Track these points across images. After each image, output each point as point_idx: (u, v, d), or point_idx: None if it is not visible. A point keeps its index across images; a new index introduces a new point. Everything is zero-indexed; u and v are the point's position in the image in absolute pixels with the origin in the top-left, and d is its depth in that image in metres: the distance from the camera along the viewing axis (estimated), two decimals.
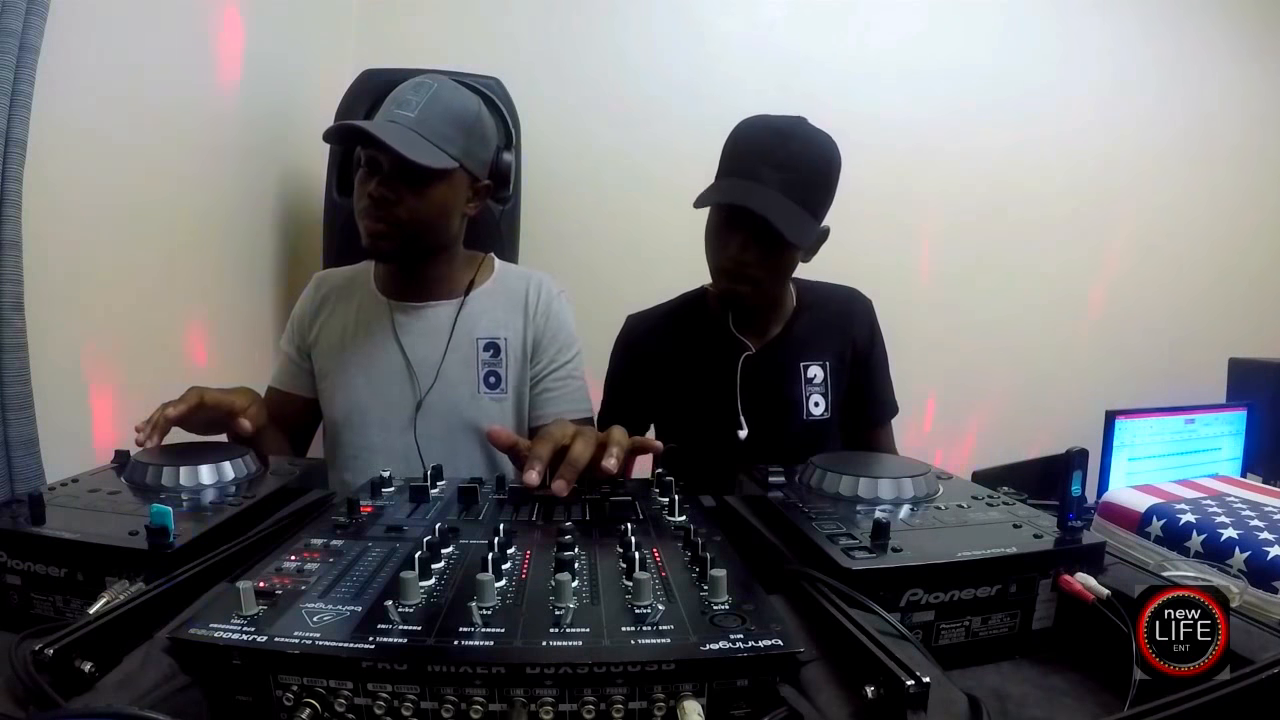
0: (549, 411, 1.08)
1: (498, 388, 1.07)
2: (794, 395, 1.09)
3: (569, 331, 1.12)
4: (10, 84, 0.83)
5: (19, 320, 0.87)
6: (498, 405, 1.07)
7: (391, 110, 0.95)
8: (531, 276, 1.14)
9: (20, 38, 0.84)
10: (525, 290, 1.11)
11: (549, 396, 1.09)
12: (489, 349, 1.07)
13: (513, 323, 1.09)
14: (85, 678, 0.39)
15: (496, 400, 1.07)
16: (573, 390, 1.10)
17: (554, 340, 1.10)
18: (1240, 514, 0.73)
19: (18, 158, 0.85)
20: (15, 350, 0.87)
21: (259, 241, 1.66)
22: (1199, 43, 2.25)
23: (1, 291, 0.85)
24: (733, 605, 0.45)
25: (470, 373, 1.06)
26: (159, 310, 1.27)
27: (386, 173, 0.95)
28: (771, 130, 0.95)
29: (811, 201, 0.95)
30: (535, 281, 1.12)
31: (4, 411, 0.86)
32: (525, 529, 0.60)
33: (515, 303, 1.10)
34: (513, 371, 1.08)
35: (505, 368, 1.07)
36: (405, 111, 0.94)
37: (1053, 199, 2.23)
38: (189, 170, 1.34)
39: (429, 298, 1.08)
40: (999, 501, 0.65)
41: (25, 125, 0.86)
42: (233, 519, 0.59)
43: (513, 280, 1.13)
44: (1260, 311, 2.36)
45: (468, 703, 0.39)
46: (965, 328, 2.23)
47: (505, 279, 1.13)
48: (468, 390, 1.05)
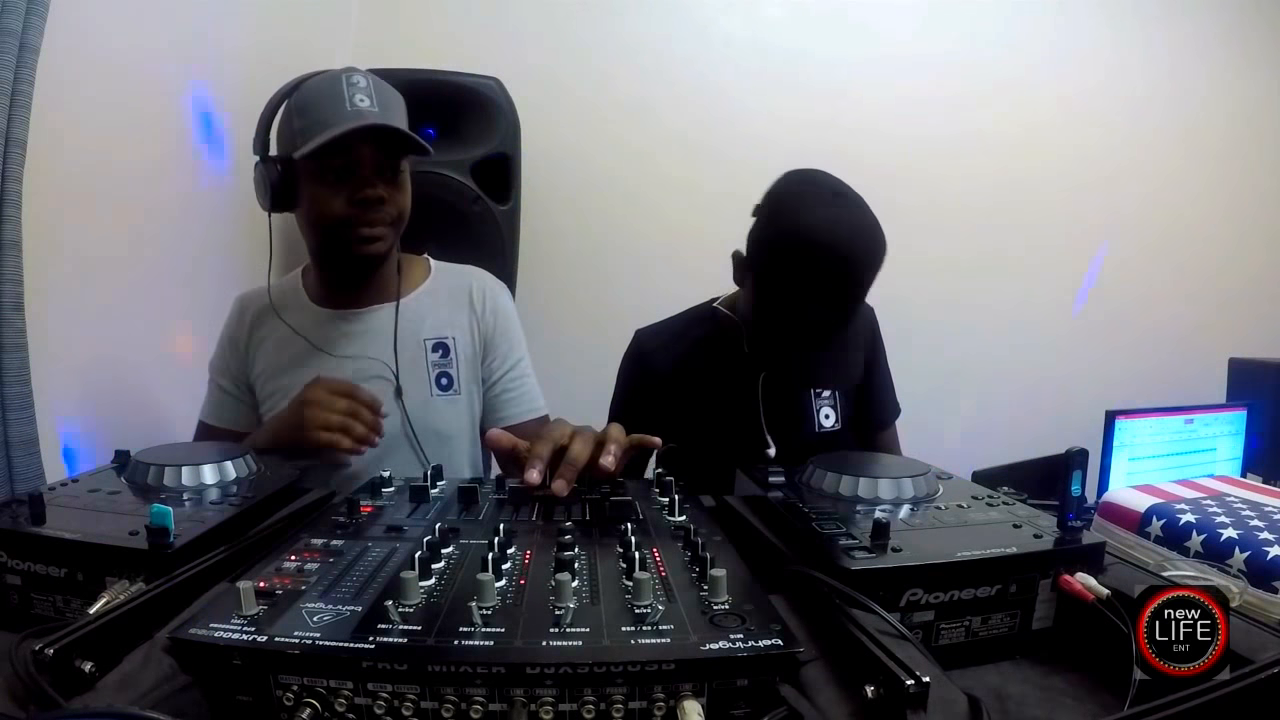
0: (510, 413, 1.07)
1: (450, 389, 1.04)
2: (805, 410, 1.09)
3: (516, 327, 1.11)
4: (10, 84, 0.83)
5: (19, 320, 0.87)
6: (452, 407, 1.04)
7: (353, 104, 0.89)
8: (473, 273, 1.12)
9: (20, 38, 0.84)
10: (468, 287, 1.08)
11: (508, 398, 1.07)
12: (437, 349, 1.04)
13: (458, 321, 1.06)
14: (85, 678, 0.39)
15: (450, 401, 1.04)
16: (529, 389, 1.09)
17: (505, 338, 1.08)
18: (1240, 514, 0.73)
19: (18, 158, 0.85)
20: (15, 350, 0.87)
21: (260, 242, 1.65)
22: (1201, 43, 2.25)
23: (1, 291, 0.85)
24: (733, 605, 0.45)
25: (421, 374, 1.03)
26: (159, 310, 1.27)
27: (373, 171, 0.92)
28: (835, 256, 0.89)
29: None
30: (478, 278, 1.10)
31: (4, 411, 0.86)
32: (525, 529, 0.60)
33: (459, 301, 1.07)
34: (464, 371, 1.05)
35: (456, 367, 1.05)
36: (368, 105, 0.90)
37: (1053, 198, 2.23)
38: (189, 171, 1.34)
39: (368, 302, 1.05)
40: (999, 501, 0.65)
41: (25, 125, 0.86)
42: (233, 519, 0.59)
43: (452, 278, 1.10)
44: (1260, 311, 2.36)
45: (468, 703, 0.38)
46: (965, 327, 2.23)
47: (444, 277, 1.10)
48: (420, 394, 1.03)
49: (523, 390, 1.09)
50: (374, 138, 0.91)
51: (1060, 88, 2.19)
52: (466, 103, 1.70)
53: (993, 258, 2.23)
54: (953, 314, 2.21)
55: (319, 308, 1.06)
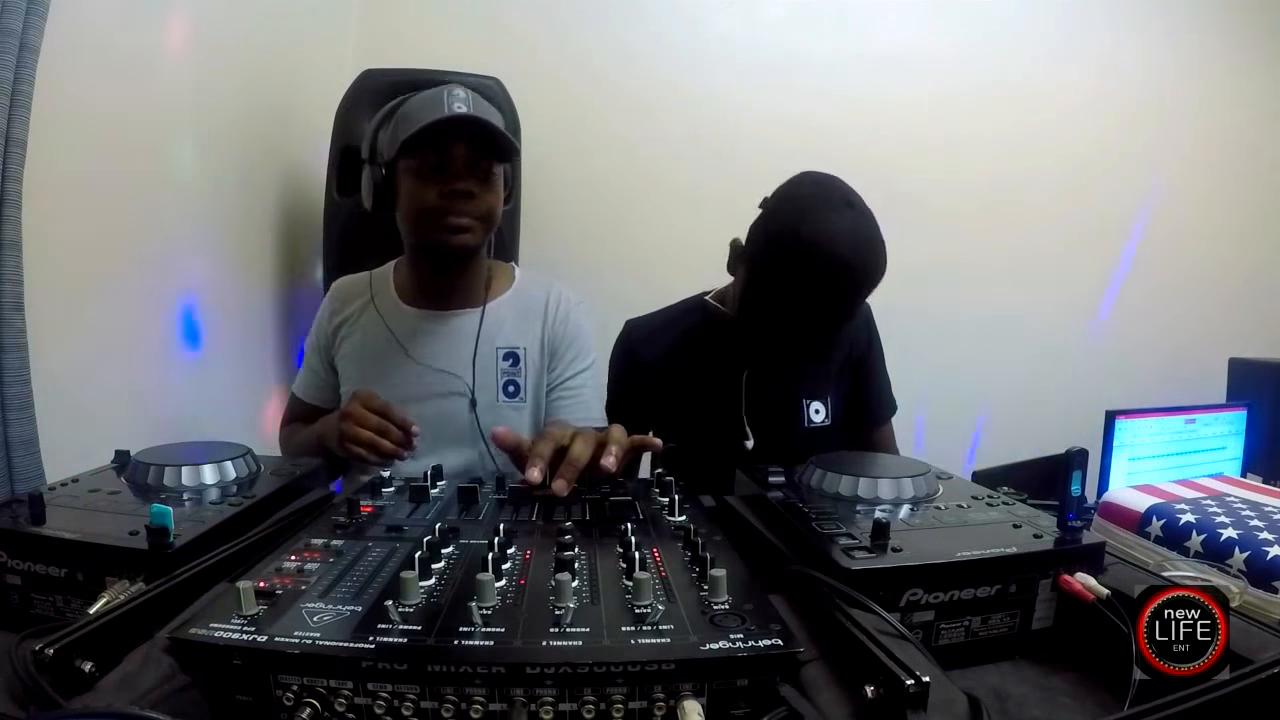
0: (562, 419, 1.07)
1: (517, 396, 1.07)
2: (795, 404, 1.08)
3: (586, 340, 1.12)
4: (10, 84, 0.83)
5: (19, 320, 0.87)
6: (517, 414, 1.07)
7: (451, 108, 0.93)
8: (552, 286, 1.14)
9: (20, 38, 0.84)
10: (545, 299, 1.11)
11: (563, 404, 1.09)
12: (508, 358, 1.07)
13: (531, 331, 1.09)
14: (85, 678, 0.39)
15: (516, 409, 1.07)
16: (586, 399, 1.10)
17: (570, 346, 1.10)
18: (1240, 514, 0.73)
19: (18, 158, 0.85)
20: (15, 350, 0.87)
21: (260, 240, 1.66)
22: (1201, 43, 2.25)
23: (2, 291, 0.85)
24: (733, 605, 0.45)
25: (490, 381, 1.06)
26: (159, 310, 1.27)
27: (465, 167, 0.95)
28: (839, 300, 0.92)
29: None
30: (555, 291, 1.13)
31: (4, 411, 0.86)
32: (525, 529, 0.60)
33: (534, 312, 1.10)
34: (531, 380, 1.08)
35: (524, 376, 1.08)
36: (462, 107, 0.93)
37: (1053, 199, 2.23)
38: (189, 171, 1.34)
39: (453, 306, 1.08)
40: (999, 501, 0.65)
41: (25, 125, 0.86)
42: (233, 519, 0.59)
43: (532, 289, 1.13)
44: (1260, 311, 2.36)
45: (468, 702, 0.38)
46: (965, 327, 2.23)
47: (525, 287, 1.13)
48: (488, 399, 1.06)
49: (580, 399, 1.10)
50: (467, 136, 0.94)
51: (1061, 88, 2.19)
52: None
53: (992, 257, 2.23)
54: (953, 313, 2.21)
55: (406, 305, 1.09)
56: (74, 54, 0.99)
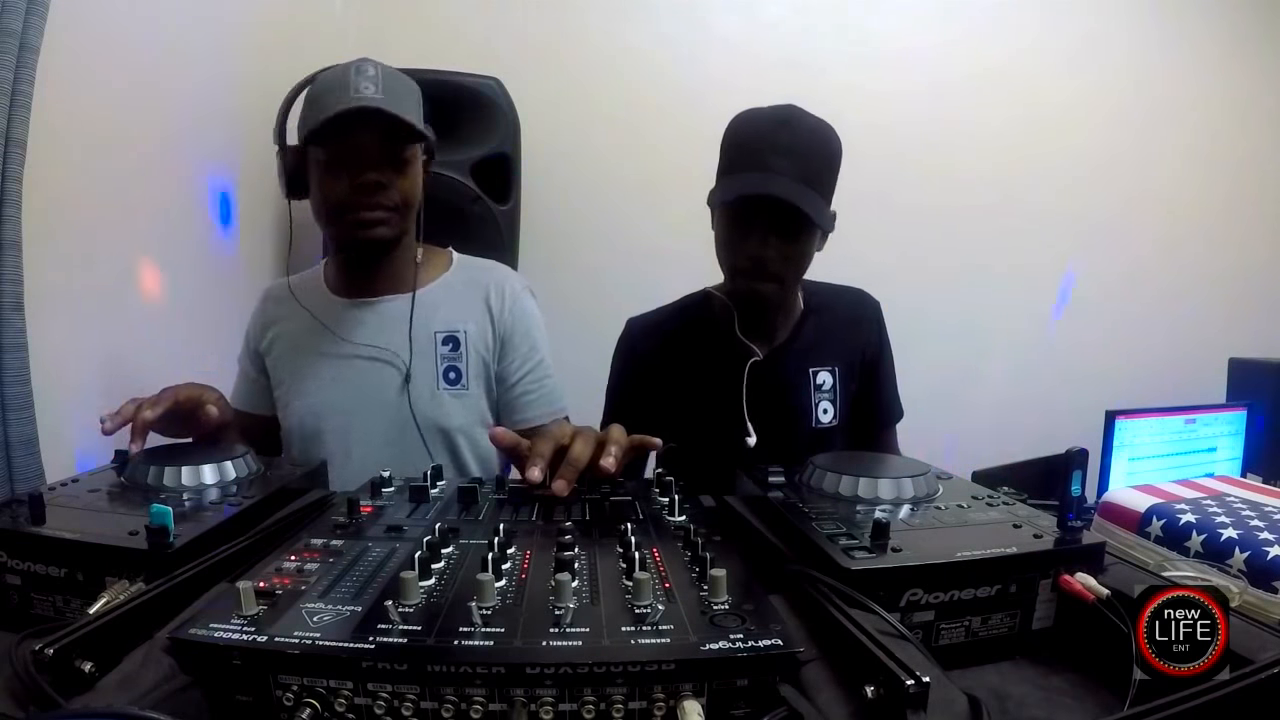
0: (530, 415, 1.06)
1: (458, 383, 1.04)
2: (802, 402, 1.08)
3: (537, 326, 1.09)
4: (10, 84, 0.83)
5: (19, 320, 0.87)
6: (459, 402, 1.04)
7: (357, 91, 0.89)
8: (494, 269, 1.11)
9: (20, 38, 0.84)
10: (487, 284, 1.07)
11: (528, 400, 1.07)
12: (447, 342, 1.04)
13: (473, 315, 1.05)
14: (85, 678, 0.39)
15: (458, 396, 1.04)
16: (549, 390, 1.09)
17: (525, 338, 1.07)
18: (1240, 514, 0.73)
19: (18, 158, 0.85)
20: (15, 350, 0.87)
21: (261, 243, 1.66)
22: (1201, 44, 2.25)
23: (1, 291, 0.85)
24: (733, 605, 0.45)
25: (429, 365, 1.03)
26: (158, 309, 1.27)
27: (375, 157, 0.92)
28: (772, 119, 0.95)
29: (822, 185, 0.95)
30: (498, 275, 1.09)
31: (4, 411, 0.86)
32: (525, 529, 0.60)
33: (476, 295, 1.06)
34: (473, 366, 1.04)
35: (465, 362, 1.04)
36: (372, 92, 0.89)
37: (1054, 199, 2.23)
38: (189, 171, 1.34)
39: (383, 291, 1.05)
40: (999, 501, 0.65)
41: (25, 125, 0.86)
42: (233, 519, 0.59)
43: (473, 272, 1.10)
44: (1260, 311, 2.36)
45: (468, 703, 0.39)
46: (965, 327, 2.23)
47: (464, 271, 1.10)
48: (427, 385, 1.02)
49: (543, 391, 1.08)
50: (374, 124, 0.90)
51: (1063, 86, 2.19)
52: (466, 103, 1.70)
53: (993, 256, 2.22)
54: (953, 313, 2.21)
55: (335, 296, 1.07)
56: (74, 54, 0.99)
